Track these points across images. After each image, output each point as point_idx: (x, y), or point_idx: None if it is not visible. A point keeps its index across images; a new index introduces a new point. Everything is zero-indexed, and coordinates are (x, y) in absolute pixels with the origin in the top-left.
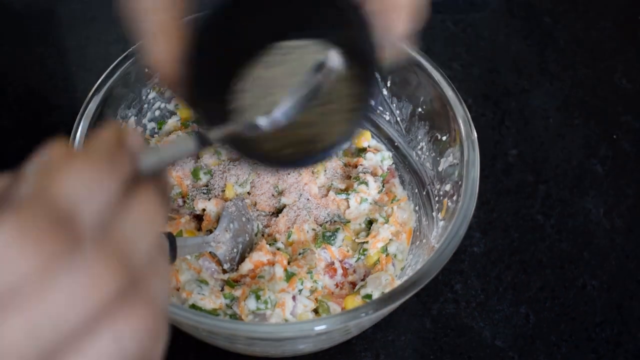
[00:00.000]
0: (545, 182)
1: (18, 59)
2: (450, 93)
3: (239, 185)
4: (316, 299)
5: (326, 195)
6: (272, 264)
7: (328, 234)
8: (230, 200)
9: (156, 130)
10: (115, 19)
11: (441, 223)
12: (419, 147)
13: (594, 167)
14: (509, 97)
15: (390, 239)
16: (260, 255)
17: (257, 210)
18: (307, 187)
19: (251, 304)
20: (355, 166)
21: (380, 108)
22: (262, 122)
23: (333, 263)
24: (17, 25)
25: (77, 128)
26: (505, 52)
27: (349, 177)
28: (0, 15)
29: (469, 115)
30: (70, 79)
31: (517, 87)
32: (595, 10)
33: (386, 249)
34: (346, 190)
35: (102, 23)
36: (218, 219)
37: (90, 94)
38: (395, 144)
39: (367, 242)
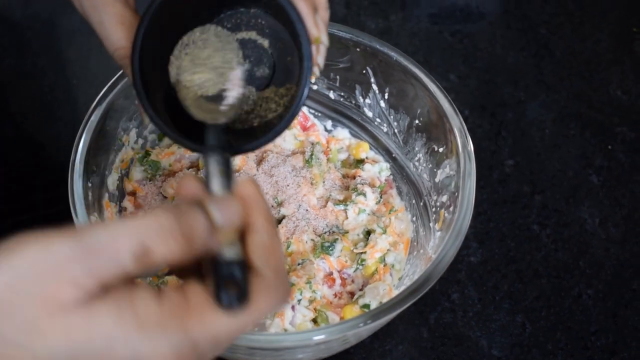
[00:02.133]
0: (541, 192)
1: (20, 70)
2: (446, 105)
3: None
4: (315, 309)
5: (325, 206)
6: None
7: (326, 244)
8: None
9: (157, 142)
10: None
11: (438, 233)
12: (416, 158)
13: (589, 177)
14: (506, 108)
15: (388, 250)
16: None
17: None
18: (306, 198)
19: None
20: (354, 177)
21: (378, 120)
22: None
23: (331, 273)
24: (18, 37)
25: (80, 140)
26: (502, 64)
27: (347, 188)
28: (1, 27)
29: (465, 127)
30: (72, 91)
31: (514, 98)
32: (591, 22)
33: (384, 259)
34: (344, 201)
35: None
36: None
37: (93, 106)
38: (393, 155)
39: (365, 252)
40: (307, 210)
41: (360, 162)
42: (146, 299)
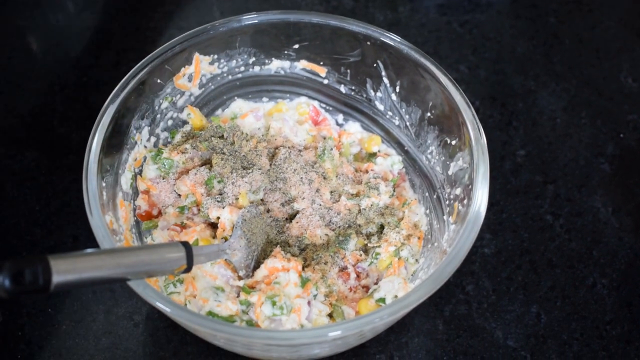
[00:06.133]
0: (553, 181)
1: (29, 69)
2: (458, 98)
3: (253, 193)
4: (330, 304)
5: (338, 200)
6: (286, 270)
7: (341, 238)
8: (244, 207)
9: (169, 139)
10: (126, 29)
11: (452, 226)
12: (429, 151)
13: (601, 166)
14: (516, 98)
15: (402, 243)
16: (275, 262)
17: (271, 216)
18: (319, 193)
19: (267, 309)
20: (366, 171)
21: (390, 113)
22: None
23: (346, 267)
24: (27, 36)
25: (93, 139)
26: (511, 53)
27: (359, 182)
28: (9, 26)
29: (478, 120)
30: (82, 90)
31: (524, 88)
32: (600, 9)
33: (398, 252)
34: (357, 195)
35: (113, 33)
36: (232, 227)
37: (105, 104)
38: (405, 148)
39: (379, 246)
40: (320, 205)
41: (372, 156)
42: None
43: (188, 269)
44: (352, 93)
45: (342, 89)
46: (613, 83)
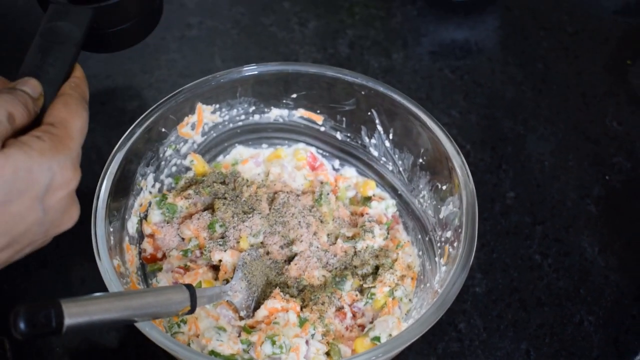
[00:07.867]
0: (542, 222)
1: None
2: (448, 145)
3: (253, 236)
4: (328, 342)
5: (334, 243)
6: (285, 310)
7: (337, 279)
8: (245, 250)
9: (173, 185)
10: (131, 76)
11: (443, 268)
12: (421, 195)
13: (588, 207)
14: (506, 142)
15: (396, 284)
16: (275, 303)
17: (270, 259)
18: (317, 236)
19: (267, 348)
20: (362, 215)
21: (384, 159)
22: None
23: (343, 307)
24: None
25: (101, 185)
26: (501, 99)
27: (355, 225)
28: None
29: (467, 166)
30: (89, 135)
31: (513, 132)
32: (586, 56)
33: (392, 292)
34: (353, 238)
35: (118, 81)
36: (234, 269)
37: (114, 151)
38: (399, 192)
39: (374, 286)
40: (317, 247)
41: (367, 200)
42: (31, 139)
43: (192, 310)
44: (348, 140)
45: (338, 135)
46: (599, 127)
